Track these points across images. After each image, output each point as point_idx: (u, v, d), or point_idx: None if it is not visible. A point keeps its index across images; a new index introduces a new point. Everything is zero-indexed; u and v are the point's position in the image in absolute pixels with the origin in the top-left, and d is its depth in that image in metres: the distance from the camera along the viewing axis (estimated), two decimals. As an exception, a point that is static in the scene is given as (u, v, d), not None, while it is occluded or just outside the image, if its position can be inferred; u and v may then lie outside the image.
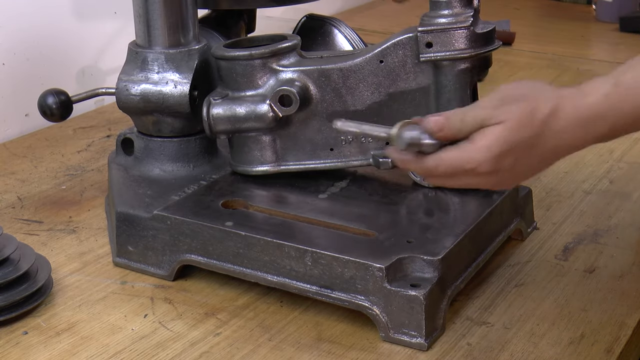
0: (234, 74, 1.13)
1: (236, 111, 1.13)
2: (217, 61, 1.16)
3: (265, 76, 1.13)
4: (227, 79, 1.14)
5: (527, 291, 1.07)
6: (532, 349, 0.96)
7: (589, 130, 0.84)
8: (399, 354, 0.96)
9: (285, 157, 1.15)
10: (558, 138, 0.84)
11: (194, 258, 1.07)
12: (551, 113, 0.83)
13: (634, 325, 1.00)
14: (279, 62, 1.13)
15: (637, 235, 1.19)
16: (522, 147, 0.84)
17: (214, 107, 1.13)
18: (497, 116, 0.84)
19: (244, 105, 1.13)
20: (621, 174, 1.37)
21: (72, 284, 1.10)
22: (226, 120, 1.13)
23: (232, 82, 1.14)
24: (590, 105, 0.84)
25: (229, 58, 1.13)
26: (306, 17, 1.35)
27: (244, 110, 1.13)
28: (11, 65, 1.57)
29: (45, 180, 1.38)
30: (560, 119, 0.83)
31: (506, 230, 1.13)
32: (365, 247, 1.01)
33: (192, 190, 1.15)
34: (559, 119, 0.83)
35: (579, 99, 0.84)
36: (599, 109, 0.83)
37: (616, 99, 0.83)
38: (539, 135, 0.84)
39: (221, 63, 1.14)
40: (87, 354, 0.97)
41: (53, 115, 1.21)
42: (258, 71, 1.13)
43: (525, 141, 0.84)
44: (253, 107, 1.12)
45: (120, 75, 1.20)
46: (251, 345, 0.98)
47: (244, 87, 1.13)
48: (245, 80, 1.13)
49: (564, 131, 0.84)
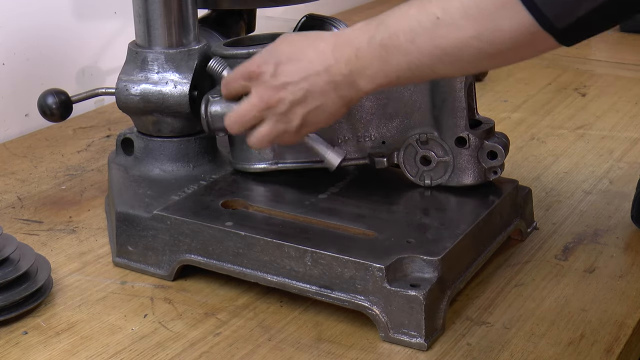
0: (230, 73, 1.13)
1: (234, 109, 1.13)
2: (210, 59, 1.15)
3: None
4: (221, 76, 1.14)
5: (527, 291, 1.07)
6: (532, 349, 0.96)
7: (337, 50, 0.93)
8: (398, 354, 0.96)
9: (283, 155, 1.15)
10: (315, 55, 0.95)
11: (194, 258, 1.07)
12: (314, 38, 0.97)
13: (634, 325, 1.00)
14: None
15: (637, 235, 1.19)
16: (283, 57, 0.98)
17: (212, 104, 1.13)
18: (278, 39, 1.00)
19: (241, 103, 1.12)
20: (621, 174, 1.37)
21: (72, 284, 1.10)
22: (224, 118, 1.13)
23: None
24: (346, 33, 0.94)
25: (228, 56, 1.13)
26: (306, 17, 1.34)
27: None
28: (11, 65, 1.57)
29: (45, 180, 1.38)
30: (320, 43, 0.95)
31: (506, 230, 1.13)
32: (365, 247, 1.01)
33: (192, 190, 1.15)
34: (319, 43, 0.95)
35: (342, 31, 0.96)
36: (351, 35, 0.93)
37: (365, 28, 0.92)
38: (299, 53, 0.96)
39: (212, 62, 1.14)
40: (87, 354, 0.97)
41: (53, 115, 1.21)
42: None
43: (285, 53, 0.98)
44: None
45: (120, 75, 1.20)
46: (251, 345, 0.98)
47: None
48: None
49: (321, 52, 0.95)
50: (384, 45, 0.89)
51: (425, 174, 1.13)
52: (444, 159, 1.11)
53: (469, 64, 0.86)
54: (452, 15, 0.83)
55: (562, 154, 1.44)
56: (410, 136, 1.12)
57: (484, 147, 1.11)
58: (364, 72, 0.92)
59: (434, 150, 1.11)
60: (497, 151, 1.10)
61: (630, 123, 1.57)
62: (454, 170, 1.11)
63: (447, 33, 0.84)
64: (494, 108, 1.64)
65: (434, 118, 1.11)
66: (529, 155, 1.44)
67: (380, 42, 0.89)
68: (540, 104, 1.67)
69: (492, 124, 1.13)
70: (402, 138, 1.13)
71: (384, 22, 0.89)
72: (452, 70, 0.89)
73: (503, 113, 1.62)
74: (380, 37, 0.89)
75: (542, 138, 1.51)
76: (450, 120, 1.10)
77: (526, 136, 1.52)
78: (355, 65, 0.92)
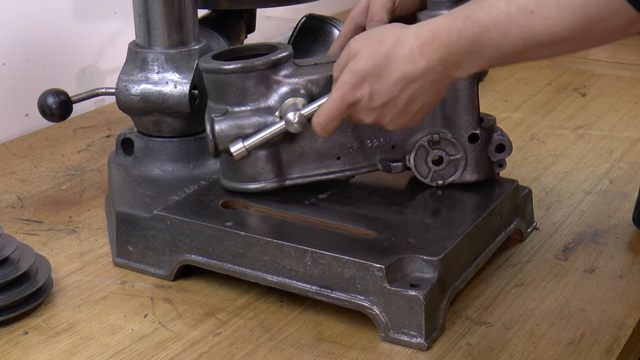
0: (234, 88, 1.08)
1: (243, 126, 1.07)
2: (209, 75, 1.10)
3: (267, 87, 1.08)
4: (224, 92, 1.09)
5: (527, 291, 1.07)
6: (532, 349, 0.96)
7: (425, 51, 0.91)
8: (398, 354, 0.96)
9: (290, 170, 1.11)
10: (404, 64, 0.92)
11: (194, 258, 1.07)
12: (395, 42, 0.93)
13: (634, 325, 1.00)
14: (279, 72, 1.08)
15: (637, 235, 1.19)
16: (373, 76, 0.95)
17: (217, 124, 1.07)
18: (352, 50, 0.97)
19: (250, 120, 1.07)
20: (621, 174, 1.37)
21: (72, 284, 1.10)
22: (233, 137, 1.07)
23: (230, 95, 1.08)
24: (429, 29, 0.92)
25: (229, 71, 1.07)
26: (306, 17, 1.35)
27: (251, 125, 1.07)
28: (11, 65, 1.57)
29: (45, 180, 1.38)
30: (405, 47, 0.92)
31: (506, 230, 1.13)
32: (365, 247, 1.01)
33: (192, 190, 1.15)
34: (403, 47, 0.92)
35: (420, 27, 0.93)
36: (435, 30, 0.91)
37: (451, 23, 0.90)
38: (386, 65, 0.93)
39: (216, 77, 1.09)
40: (87, 354, 0.97)
41: (53, 115, 1.21)
42: (261, 82, 1.08)
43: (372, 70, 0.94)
44: (261, 121, 1.07)
45: (120, 75, 1.20)
46: (251, 345, 0.98)
47: (247, 100, 1.08)
48: (248, 93, 1.08)
49: (409, 57, 0.92)
50: (475, 41, 0.89)
51: (437, 174, 1.13)
52: (455, 157, 1.12)
53: (562, 50, 0.87)
54: (547, 8, 0.83)
55: (562, 154, 1.44)
56: (420, 138, 1.12)
57: (492, 142, 1.12)
58: (457, 66, 0.92)
59: (446, 149, 1.12)
60: (505, 144, 1.12)
61: (630, 123, 1.57)
62: (466, 167, 1.12)
63: (541, 27, 0.84)
64: (494, 108, 1.64)
65: (443, 117, 1.11)
66: (529, 155, 1.44)
67: (471, 38, 0.89)
68: (540, 104, 1.67)
69: (494, 119, 1.13)
70: (412, 141, 1.12)
71: (471, 17, 0.88)
72: (544, 56, 0.90)
73: (503, 113, 1.62)
74: (470, 33, 0.88)
75: (542, 138, 1.51)
76: (464, 117, 1.11)
77: (526, 136, 1.52)
78: (449, 62, 0.92)
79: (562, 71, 1.85)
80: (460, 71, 0.93)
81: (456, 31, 0.89)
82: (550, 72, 1.84)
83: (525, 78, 1.81)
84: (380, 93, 0.95)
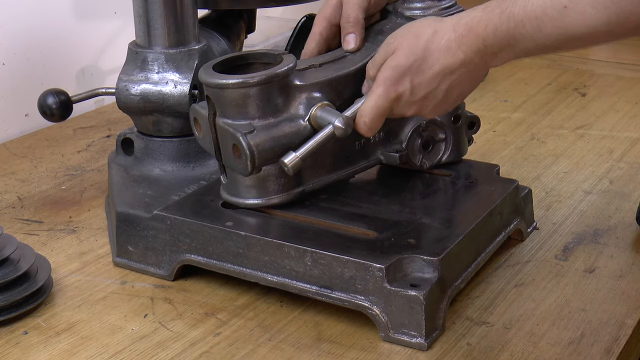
0: (257, 100, 1.03)
1: (278, 137, 1.03)
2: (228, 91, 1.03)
3: (287, 95, 1.04)
4: (247, 107, 1.03)
5: (527, 291, 1.07)
6: (532, 349, 0.96)
7: (463, 43, 0.94)
8: (399, 354, 0.96)
9: (307, 177, 1.09)
10: (443, 57, 0.96)
11: (194, 258, 1.07)
12: (432, 36, 0.96)
13: (634, 325, 1.00)
14: (295, 78, 1.05)
15: (637, 235, 1.19)
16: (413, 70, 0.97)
17: (252, 139, 1.01)
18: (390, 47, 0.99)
19: (282, 130, 1.03)
20: (621, 174, 1.37)
21: (72, 284, 1.10)
22: (269, 150, 1.03)
23: (252, 109, 1.03)
24: (465, 22, 0.94)
25: (254, 84, 1.02)
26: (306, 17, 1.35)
27: (285, 135, 1.03)
28: (11, 65, 1.57)
29: (45, 180, 1.38)
30: (442, 40, 0.95)
31: (506, 230, 1.13)
32: (365, 247, 1.01)
33: (192, 190, 1.15)
34: (440, 39, 0.95)
35: (456, 20, 0.96)
36: (471, 23, 0.94)
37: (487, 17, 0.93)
38: (425, 58, 0.96)
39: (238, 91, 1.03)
40: (87, 354, 0.97)
41: (53, 115, 1.21)
42: (282, 91, 1.04)
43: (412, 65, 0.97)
44: (293, 129, 1.04)
45: (120, 75, 1.20)
46: (251, 345, 0.98)
47: (269, 111, 1.04)
48: (270, 104, 1.04)
49: (447, 50, 0.95)
50: (511, 35, 0.91)
51: (425, 158, 1.17)
52: (442, 138, 1.17)
53: (597, 42, 0.90)
54: (581, 3, 0.85)
55: (562, 154, 1.44)
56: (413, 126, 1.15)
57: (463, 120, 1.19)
58: (494, 57, 0.95)
59: (433, 133, 1.17)
60: (476, 120, 1.20)
61: (630, 123, 1.57)
62: (447, 148, 1.18)
63: (575, 21, 0.86)
64: (494, 108, 1.64)
65: None
66: (529, 155, 1.44)
67: (507, 32, 0.91)
68: (540, 104, 1.67)
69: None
70: (404, 130, 1.15)
71: (507, 11, 0.91)
72: (580, 47, 0.93)
73: (503, 113, 1.62)
74: (506, 27, 0.91)
75: (542, 138, 1.51)
76: None
77: (526, 136, 1.52)
78: (485, 54, 0.94)
79: (562, 71, 1.84)
80: (497, 61, 0.95)
81: (492, 25, 0.92)
82: (550, 72, 1.84)
83: (525, 78, 1.81)
84: (422, 86, 0.98)
